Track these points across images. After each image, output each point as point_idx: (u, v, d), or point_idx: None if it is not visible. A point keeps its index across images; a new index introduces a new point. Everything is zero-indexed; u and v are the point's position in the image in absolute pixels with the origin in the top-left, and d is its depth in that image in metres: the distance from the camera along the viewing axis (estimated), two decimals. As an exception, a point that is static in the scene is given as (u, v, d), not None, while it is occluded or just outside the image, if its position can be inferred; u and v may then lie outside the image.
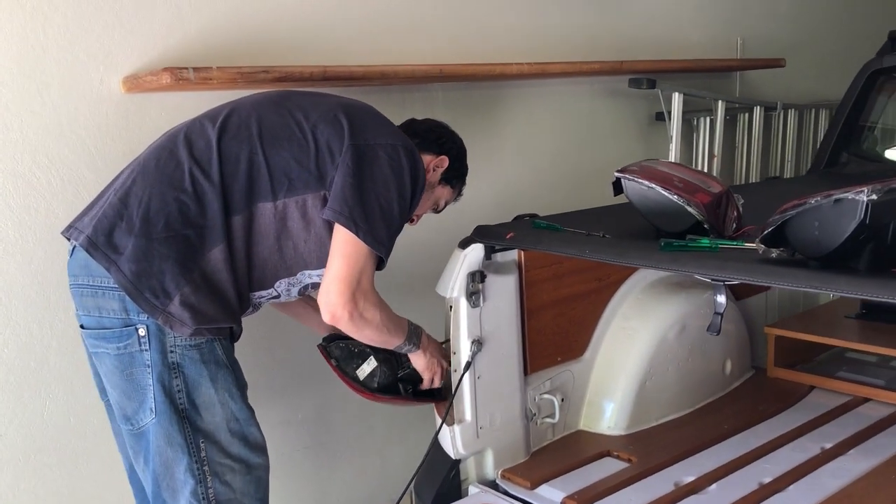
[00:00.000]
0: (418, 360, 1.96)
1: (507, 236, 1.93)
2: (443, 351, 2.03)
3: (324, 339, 2.08)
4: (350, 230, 1.64)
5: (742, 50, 3.76)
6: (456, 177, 2.00)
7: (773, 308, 3.02)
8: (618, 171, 1.83)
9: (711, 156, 3.45)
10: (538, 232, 1.96)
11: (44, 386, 2.03)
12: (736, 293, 2.71)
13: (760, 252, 1.51)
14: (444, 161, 1.94)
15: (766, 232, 1.47)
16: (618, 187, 1.87)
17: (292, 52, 2.27)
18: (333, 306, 1.66)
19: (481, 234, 2.03)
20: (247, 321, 2.23)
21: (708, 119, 3.41)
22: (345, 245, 1.65)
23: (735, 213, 1.90)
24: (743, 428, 2.35)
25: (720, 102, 3.37)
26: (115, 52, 2.03)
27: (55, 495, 2.08)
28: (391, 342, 1.85)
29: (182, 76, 1.92)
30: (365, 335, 1.77)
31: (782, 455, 2.18)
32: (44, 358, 2.02)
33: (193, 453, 1.65)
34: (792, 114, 3.85)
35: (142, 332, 1.61)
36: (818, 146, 3.48)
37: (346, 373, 2.00)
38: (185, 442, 1.64)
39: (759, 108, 3.64)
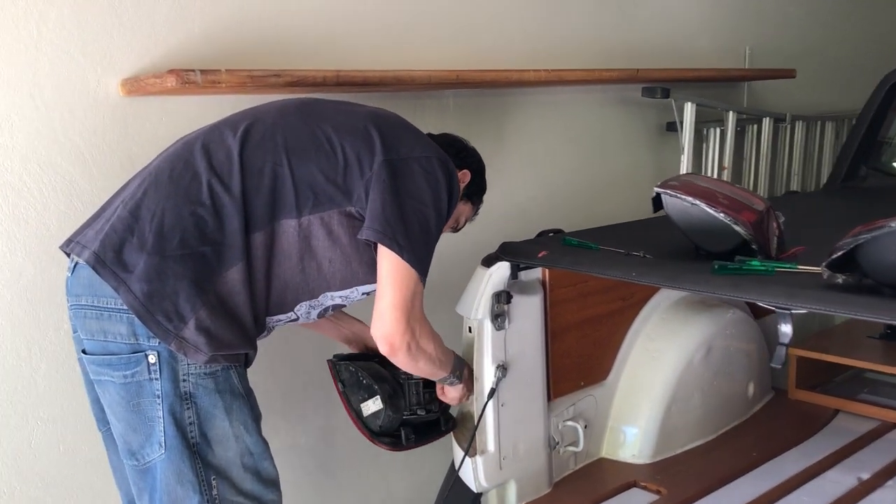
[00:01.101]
0: (453, 393, 1.85)
1: (540, 255, 1.81)
2: (469, 374, 1.92)
3: (335, 356, 1.94)
4: (394, 251, 1.52)
5: (750, 60, 3.68)
6: (476, 192, 1.90)
7: (789, 326, 2.92)
8: (658, 187, 1.72)
9: (721, 167, 3.37)
10: (573, 251, 1.84)
11: (31, 412, 1.87)
12: (755, 311, 2.61)
13: (825, 277, 1.40)
14: (467, 175, 1.83)
15: (834, 256, 1.35)
16: (657, 203, 1.75)
17: (304, 55, 2.13)
18: (391, 337, 1.55)
19: (507, 251, 1.91)
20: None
21: (718, 130, 3.32)
22: (394, 270, 1.53)
23: (777, 232, 1.79)
24: (772, 455, 2.25)
25: (731, 113, 3.29)
26: (113, 52, 1.89)
27: (43, 531, 1.92)
28: (438, 374, 1.75)
29: (189, 79, 1.78)
30: (419, 367, 1.66)
31: (819, 486, 2.07)
32: (32, 381, 1.87)
33: (205, 491, 1.51)
34: (800, 126, 3.77)
35: (152, 358, 1.46)
36: (836, 159, 3.39)
37: (351, 403, 1.89)
38: (197, 479, 1.50)
39: (768, 119, 3.56)
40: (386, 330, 1.55)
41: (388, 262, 1.54)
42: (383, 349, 1.57)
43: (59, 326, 1.87)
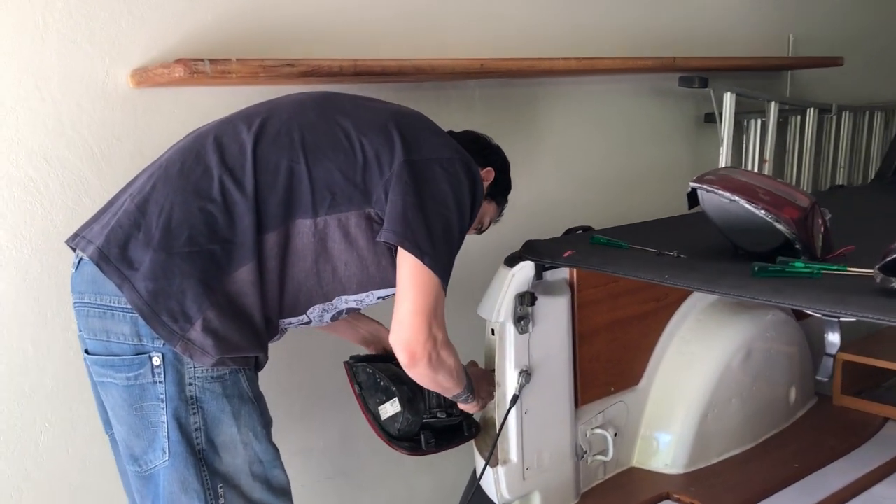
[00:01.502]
0: (471, 407, 1.76)
1: (566, 254, 1.70)
2: (490, 378, 1.82)
3: (351, 357, 1.86)
4: (415, 255, 1.44)
5: (794, 47, 3.51)
6: (501, 191, 1.82)
7: (835, 328, 2.77)
8: (694, 181, 1.60)
9: (762, 161, 3.22)
10: (601, 250, 1.73)
11: (39, 413, 1.82)
12: (797, 312, 2.47)
13: (878, 281, 1.28)
14: (491, 174, 1.74)
15: (889, 258, 1.23)
16: (693, 199, 1.63)
17: (319, 44, 2.05)
18: (412, 344, 1.46)
19: (531, 250, 1.81)
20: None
21: (759, 121, 3.17)
22: (415, 275, 1.45)
23: (823, 230, 1.66)
24: (816, 467, 2.12)
25: (773, 104, 3.13)
26: (123, 42, 1.82)
27: (51, 535, 1.87)
28: (454, 390, 1.65)
29: (197, 69, 1.71)
30: (438, 381, 1.56)
31: (866, 502, 1.94)
32: (39, 382, 1.81)
33: (211, 500, 1.44)
34: (846, 116, 3.60)
35: (156, 360, 1.40)
36: (886, 151, 3.22)
37: (368, 406, 1.80)
38: (203, 488, 1.43)
39: (812, 109, 3.39)
40: (407, 337, 1.46)
41: (409, 266, 1.45)
42: (403, 359, 1.48)
43: (67, 326, 1.81)
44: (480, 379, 1.79)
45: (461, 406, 1.75)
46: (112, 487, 1.85)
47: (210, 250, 1.40)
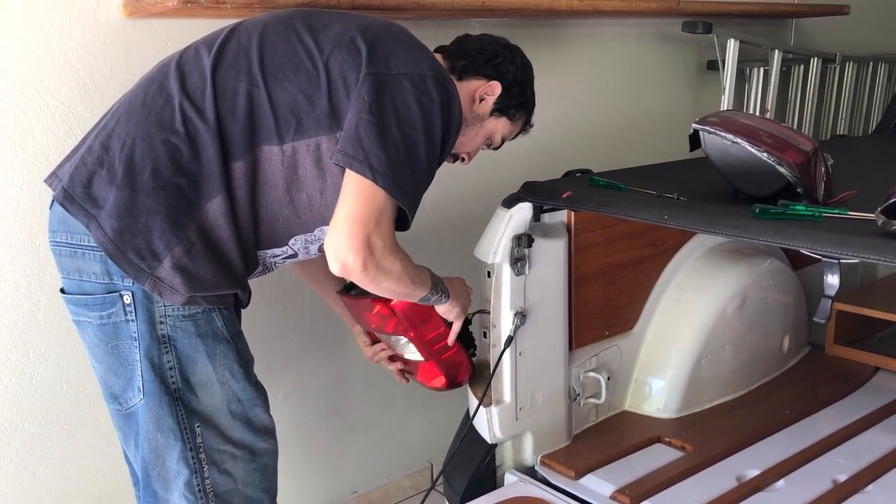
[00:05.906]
0: (451, 311, 1.65)
1: (564, 195, 1.68)
2: (465, 287, 1.70)
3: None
4: (367, 177, 1.33)
5: (799, -6, 3.44)
6: (514, 106, 1.66)
7: (830, 279, 2.76)
8: (696, 123, 1.57)
9: (764, 110, 3.18)
10: (600, 192, 1.71)
11: (32, 347, 1.82)
12: (793, 262, 2.47)
13: (880, 223, 1.26)
14: (496, 88, 1.61)
15: (891, 201, 1.21)
16: (695, 141, 1.61)
17: (317, -25, 1.99)
18: (344, 252, 1.33)
19: (530, 191, 1.78)
20: (260, 279, 2.03)
21: (762, 70, 3.13)
22: (361, 187, 1.34)
23: (825, 175, 1.64)
24: (806, 413, 2.13)
25: (777, 52, 3.09)
26: (114, -32, 1.77)
27: (46, 468, 1.88)
28: (415, 294, 1.54)
29: (190, -2, 1.66)
30: (384, 287, 1.44)
31: (855, 447, 1.96)
32: (32, 316, 1.81)
33: (188, 439, 1.42)
34: (850, 67, 3.55)
35: (127, 299, 1.36)
36: (889, 102, 3.18)
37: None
38: (178, 426, 1.41)
39: (816, 59, 3.34)
40: (337, 243, 1.33)
41: (354, 179, 1.35)
42: (333, 267, 1.37)
43: (60, 260, 1.79)
44: (454, 280, 1.68)
45: (438, 309, 1.65)
46: (107, 420, 1.84)
47: (176, 184, 1.36)
